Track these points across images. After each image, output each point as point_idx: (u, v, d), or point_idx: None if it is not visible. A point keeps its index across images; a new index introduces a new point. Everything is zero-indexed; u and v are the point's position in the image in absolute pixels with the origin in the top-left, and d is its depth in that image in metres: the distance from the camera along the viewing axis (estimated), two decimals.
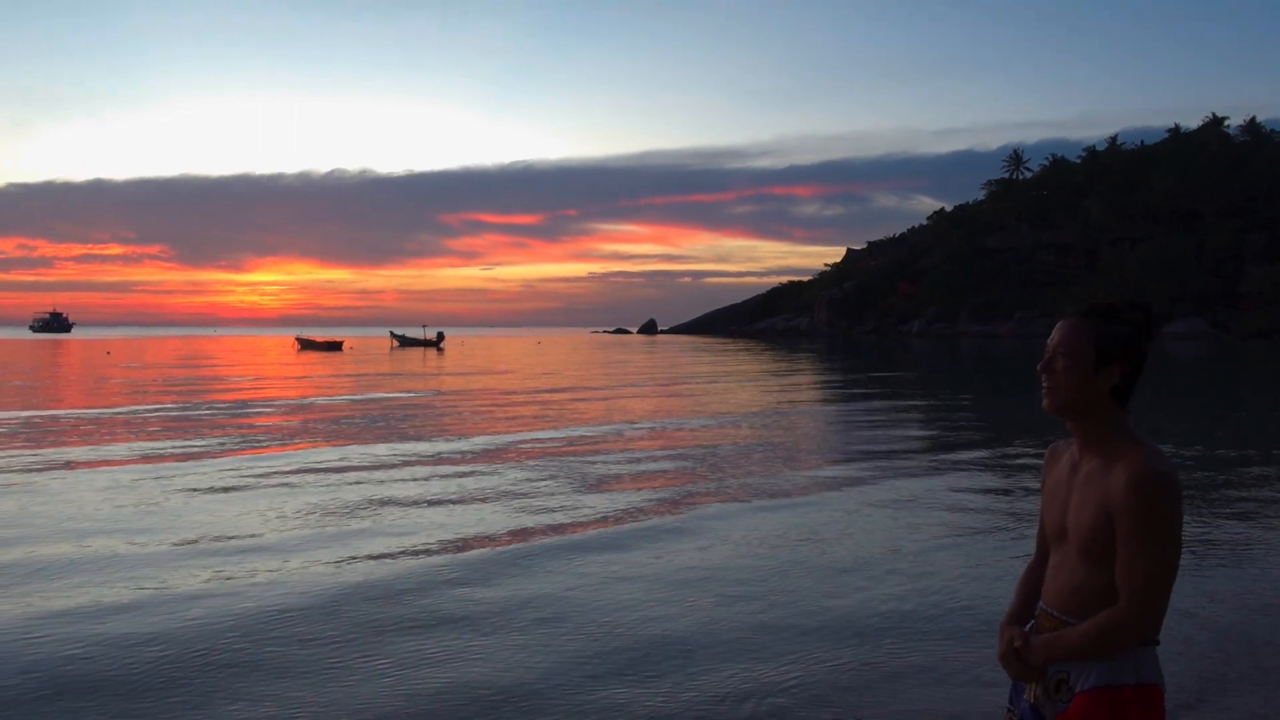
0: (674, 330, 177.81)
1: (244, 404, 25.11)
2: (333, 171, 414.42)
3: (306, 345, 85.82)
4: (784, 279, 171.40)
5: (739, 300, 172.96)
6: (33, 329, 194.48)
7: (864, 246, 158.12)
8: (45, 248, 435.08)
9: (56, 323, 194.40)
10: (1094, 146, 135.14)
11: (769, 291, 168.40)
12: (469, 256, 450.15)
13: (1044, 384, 2.28)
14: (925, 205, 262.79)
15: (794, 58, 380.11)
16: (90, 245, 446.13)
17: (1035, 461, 12.44)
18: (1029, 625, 2.42)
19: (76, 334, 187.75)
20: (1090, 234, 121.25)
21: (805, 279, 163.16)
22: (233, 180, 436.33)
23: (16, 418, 20.58)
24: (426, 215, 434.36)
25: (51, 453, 14.82)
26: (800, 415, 20.98)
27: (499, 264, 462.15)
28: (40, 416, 21.06)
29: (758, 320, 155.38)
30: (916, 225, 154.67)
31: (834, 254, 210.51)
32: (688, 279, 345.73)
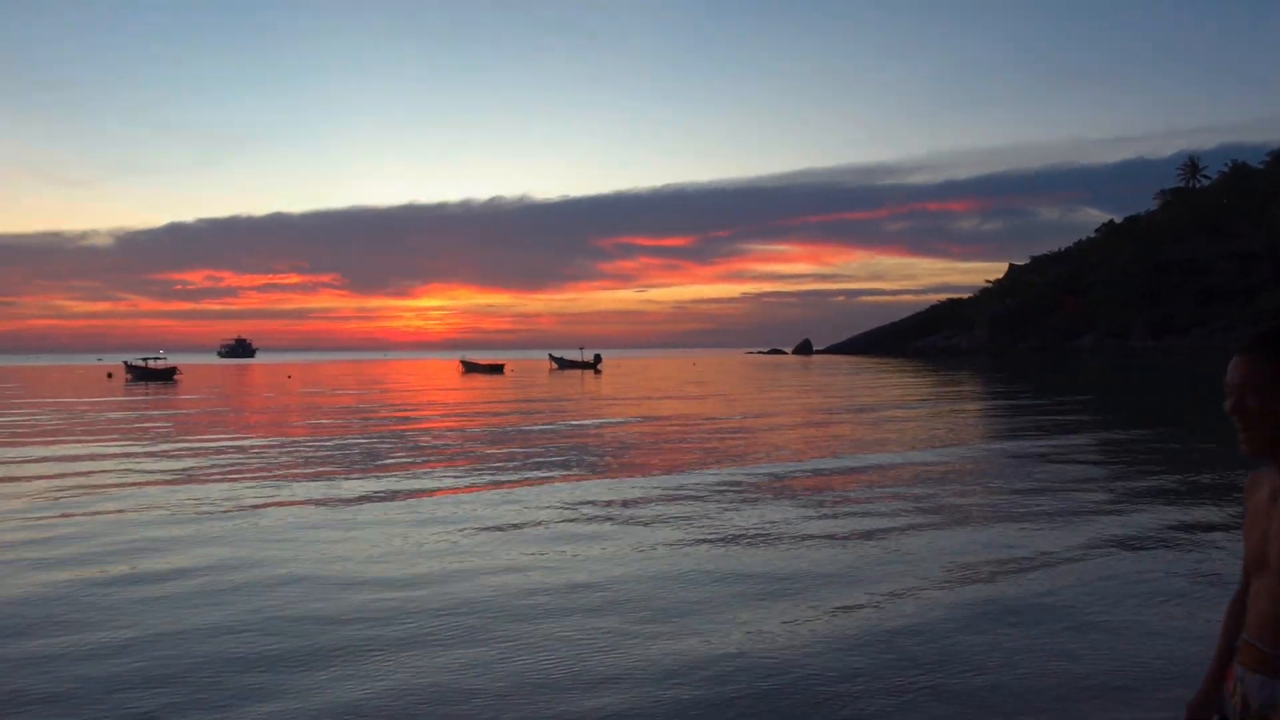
0: (829, 350, 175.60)
1: (495, 431, 24.93)
2: (493, 199, 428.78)
3: (470, 368, 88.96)
4: (942, 296, 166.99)
5: (895, 319, 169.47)
6: (220, 354, 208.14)
7: (1026, 261, 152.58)
8: (230, 278, 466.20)
9: (241, 348, 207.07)
10: (1279, 150, 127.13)
11: (927, 310, 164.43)
12: (622, 279, 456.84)
13: (1239, 426, 2.17)
14: (1092, 218, 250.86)
15: (949, 69, 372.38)
16: (270, 275, 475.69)
17: None
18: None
19: (259, 359, 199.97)
20: (1278, 242, 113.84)
21: (964, 296, 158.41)
22: (399, 210, 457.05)
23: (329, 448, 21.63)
24: (581, 239, 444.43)
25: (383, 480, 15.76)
26: (1048, 449, 18.65)
27: (652, 286, 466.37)
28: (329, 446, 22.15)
29: (916, 339, 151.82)
30: (1083, 239, 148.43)
31: (994, 270, 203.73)
32: (841, 298, 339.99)
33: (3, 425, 27.83)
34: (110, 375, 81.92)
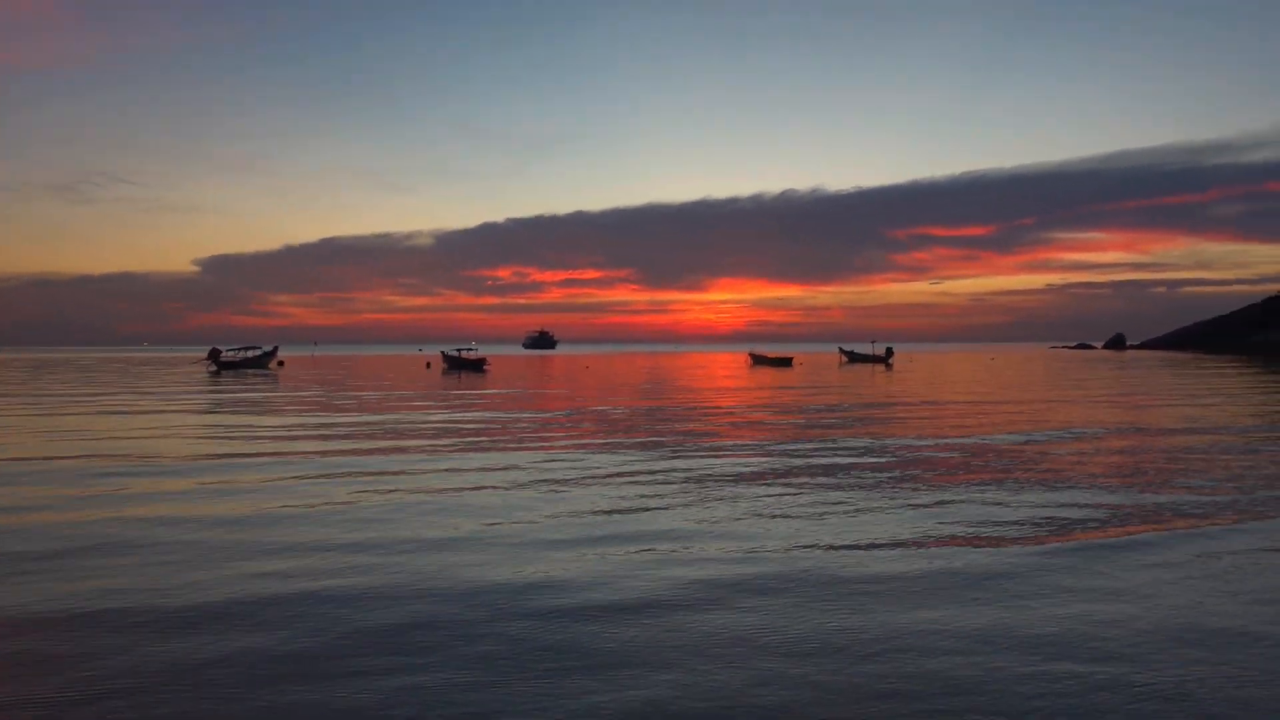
0: (1145, 345, 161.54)
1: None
2: (784, 192, 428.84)
3: (759, 361, 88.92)
4: None
5: (1224, 311, 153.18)
6: (524, 345, 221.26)
7: None
8: (535, 274, 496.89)
9: (544, 340, 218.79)
10: None
11: (1266, 300, 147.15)
12: (916, 271, 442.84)
13: None
14: None
15: None
16: (571, 271, 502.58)
17: None
18: None
19: (559, 350, 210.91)
20: None
21: None
22: (692, 206, 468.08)
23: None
24: (873, 231, 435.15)
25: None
26: None
27: (947, 278, 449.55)
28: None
29: (1252, 334, 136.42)
30: None
31: None
32: (1161, 289, 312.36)
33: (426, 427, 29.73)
34: (429, 365, 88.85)
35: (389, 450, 19.01)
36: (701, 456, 17.69)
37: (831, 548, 9.72)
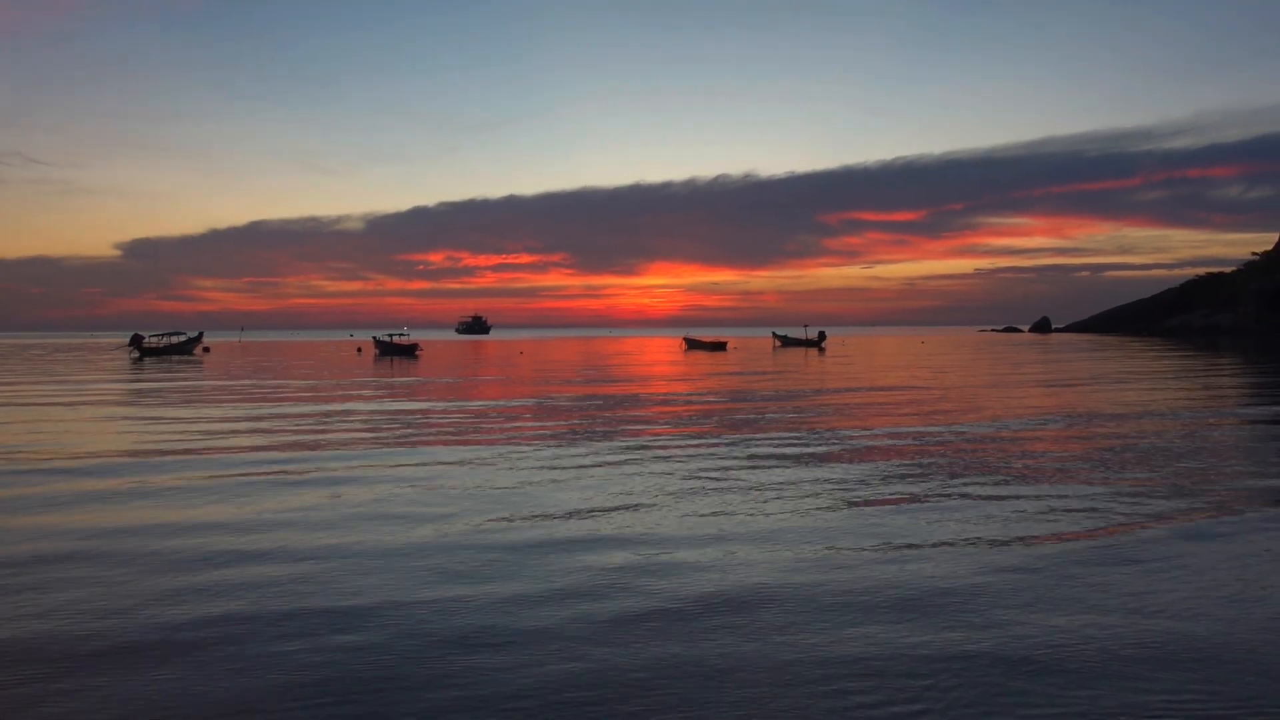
0: (1070, 329, 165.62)
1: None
2: (718, 177, 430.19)
3: (693, 345, 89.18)
4: (1200, 271, 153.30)
5: (1144, 295, 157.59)
6: (458, 331, 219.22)
7: None
8: (468, 258, 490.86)
9: (477, 325, 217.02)
10: None
11: (1183, 285, 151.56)
12: (848, 255, 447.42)
13: None
14: None
15: (1217, 18, 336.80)
16: (504, 256, 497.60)
17: None
18: None
19: (494, 335, 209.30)
20: None
21: (1227, 270, 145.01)
22: (626, 190, 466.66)
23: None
24: (806, 216, 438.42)
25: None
26: None
27: (879, 262, 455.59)
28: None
29: (1169, 317, 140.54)
30: None
31: (1263, 241, 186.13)
32: (1085, 273, 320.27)
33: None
34: (360, 350, 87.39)
35: (315, 445, 18.37)
36: (643, 449, 17.37)
37: (793, 556, 9.43)
